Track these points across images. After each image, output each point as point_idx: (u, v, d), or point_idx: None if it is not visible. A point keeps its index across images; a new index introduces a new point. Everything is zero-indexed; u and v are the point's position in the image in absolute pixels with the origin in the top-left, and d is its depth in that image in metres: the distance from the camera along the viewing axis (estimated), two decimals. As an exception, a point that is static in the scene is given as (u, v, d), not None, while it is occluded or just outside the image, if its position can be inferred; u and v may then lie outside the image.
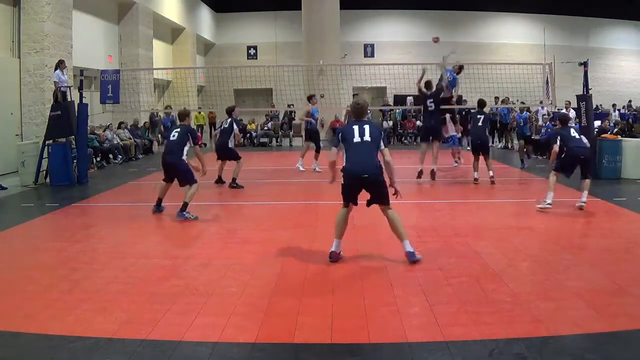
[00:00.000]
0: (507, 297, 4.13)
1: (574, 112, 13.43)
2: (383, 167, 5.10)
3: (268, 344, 3.41)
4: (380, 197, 5.13)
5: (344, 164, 5.14)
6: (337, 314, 3.82)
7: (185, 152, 7.36)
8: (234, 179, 9.74)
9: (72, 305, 4.05)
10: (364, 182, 5.05)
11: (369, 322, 3.68)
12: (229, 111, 10.33)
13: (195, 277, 4.69)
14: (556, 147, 7.54)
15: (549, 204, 7.37)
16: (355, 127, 5.15)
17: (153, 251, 5.62)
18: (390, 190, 5.20)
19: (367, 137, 5.07)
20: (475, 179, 9.71)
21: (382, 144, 5.15)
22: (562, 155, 7.61)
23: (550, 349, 3.26)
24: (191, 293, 4.30)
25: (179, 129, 7.52)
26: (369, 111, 5.83)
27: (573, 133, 7.63)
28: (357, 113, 5.30)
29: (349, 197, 5.20)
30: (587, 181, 7.59)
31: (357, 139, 5.09)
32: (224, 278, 4.67)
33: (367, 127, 5.14)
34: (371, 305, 3.98)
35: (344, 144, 5.17)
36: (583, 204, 7.40)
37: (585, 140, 7.66)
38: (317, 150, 11.88)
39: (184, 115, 7.92)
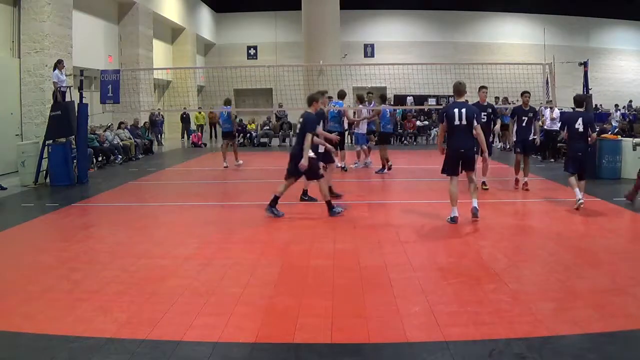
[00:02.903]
0: (507, 297, 4.13)
1: (558, 112, 13.49)
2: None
3: (268, 344, 3.41)
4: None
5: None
6: (337, 314, 3.82)
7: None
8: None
9: (72, 305, 4.05)
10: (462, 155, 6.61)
11: (369, 322, 3.68)
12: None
13: (195, 277, 4.69)
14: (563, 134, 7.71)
15: (579, 199, 7.29)
16: (456, 110, 6.56)
17: (153, 251, 5.61)
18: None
19: (464, 121, 6.53)
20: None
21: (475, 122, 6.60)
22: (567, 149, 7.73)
23: (550, 349, 3.26)
24: (191, 293, 4.30)
25: (302, 119, 7.20)
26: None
27: (578, 125, 7.44)
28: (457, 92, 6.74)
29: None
30: (582, 182, 7.48)
31: (457, 121, 6.54)
32: (224, 278, 4.67)
33: (464, 110, 6.57)
34: (371, 305, 3.99)
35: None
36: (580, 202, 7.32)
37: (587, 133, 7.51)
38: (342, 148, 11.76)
39: (311, 99, 7.23)
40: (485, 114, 8.57)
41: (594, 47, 27.29)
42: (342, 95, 11.72)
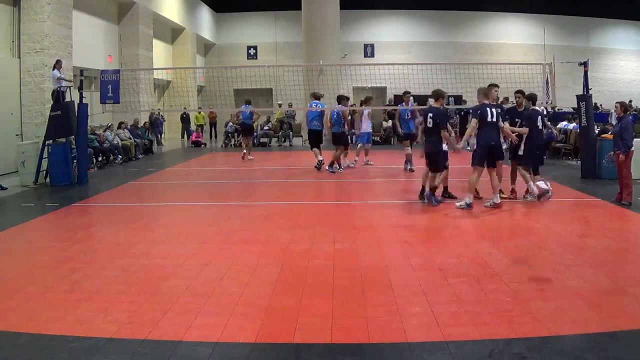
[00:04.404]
0: (507, 297, 4.13)
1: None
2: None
3: (268, 344, 3.41)
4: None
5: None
6: (337, 314, 3.82)
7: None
8: (445, 188, 8.34)
9: (72, 305, 4.05)
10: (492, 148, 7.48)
11: (369, 322, 3.68)
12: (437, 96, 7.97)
13: (195, 277, 4.69)
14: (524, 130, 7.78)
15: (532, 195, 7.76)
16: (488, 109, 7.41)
17: (153, 251, 5.61)
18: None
19: (494, 118, 7.43)
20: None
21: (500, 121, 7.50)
22: (524, 145, 7.80)
23: (550, 349, 3.26)
24: (191, 293, 4.30)
25: (431, 114, 7.63)
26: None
27: (539, 122, 7.79)
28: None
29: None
30: (537, 177, 7.82)
31: (489, 118, 7.40)
32: (224, 278, 4.67)
33: (494, 110, 7.47)
34: (371, 305, 3.99)
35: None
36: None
37: (548, 129, 8.06)
38: (345, 148, 11.80)
39: (437, 94, 7.85)
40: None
41: (594, 47, 27.29)
42: (318, 96, 11.90)
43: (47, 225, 7.19)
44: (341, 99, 11.64)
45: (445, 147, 7.85)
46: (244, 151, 14.54)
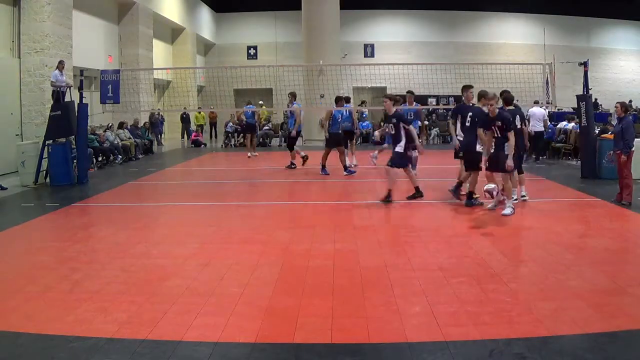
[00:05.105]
0: (507, 297, 4.13)
1: (541, 111, 13.19)
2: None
3: (268, 344, 3.41)
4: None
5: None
6: (337, 314, 3.82)
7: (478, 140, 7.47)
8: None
9: (72, 305, 4.05)
10: None
11: (369, 322, 3.69)
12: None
13: (195, 277, 4.69)
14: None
15: (515, 199, 7.59)
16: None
17: (153, 251, 5.61)
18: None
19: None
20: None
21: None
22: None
23: (550, 349, 3.26)
24: (191, 293, 4.30)
25: (472, 112, 7.54)
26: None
27: (517, 122, 7.51)
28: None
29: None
30: (522, 176, 7.91)
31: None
32: (224, 278, 4.67)
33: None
34: (371, 305, 3.99)
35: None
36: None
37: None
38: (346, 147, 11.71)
39: (480, 95, 7.73)
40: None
41: (594, 47, 27.27)
42: (295, 94, 12.86)
43: (47, 225, 7.18)
44: (338, 100, 11.60)
45: (479, 148, 7.58)
46: (251, 150, 15.16)
